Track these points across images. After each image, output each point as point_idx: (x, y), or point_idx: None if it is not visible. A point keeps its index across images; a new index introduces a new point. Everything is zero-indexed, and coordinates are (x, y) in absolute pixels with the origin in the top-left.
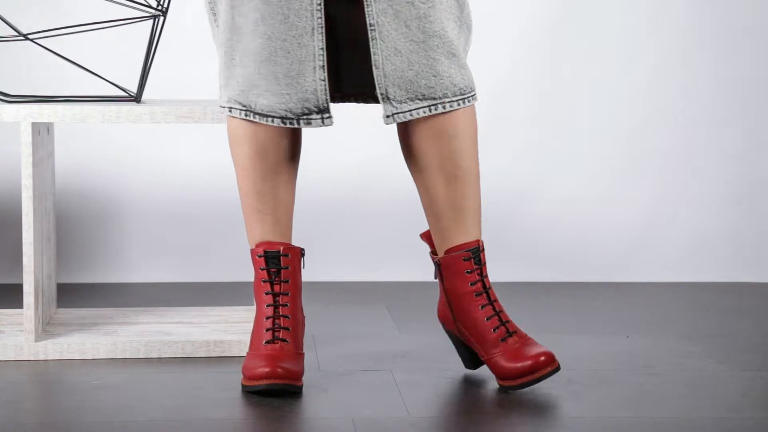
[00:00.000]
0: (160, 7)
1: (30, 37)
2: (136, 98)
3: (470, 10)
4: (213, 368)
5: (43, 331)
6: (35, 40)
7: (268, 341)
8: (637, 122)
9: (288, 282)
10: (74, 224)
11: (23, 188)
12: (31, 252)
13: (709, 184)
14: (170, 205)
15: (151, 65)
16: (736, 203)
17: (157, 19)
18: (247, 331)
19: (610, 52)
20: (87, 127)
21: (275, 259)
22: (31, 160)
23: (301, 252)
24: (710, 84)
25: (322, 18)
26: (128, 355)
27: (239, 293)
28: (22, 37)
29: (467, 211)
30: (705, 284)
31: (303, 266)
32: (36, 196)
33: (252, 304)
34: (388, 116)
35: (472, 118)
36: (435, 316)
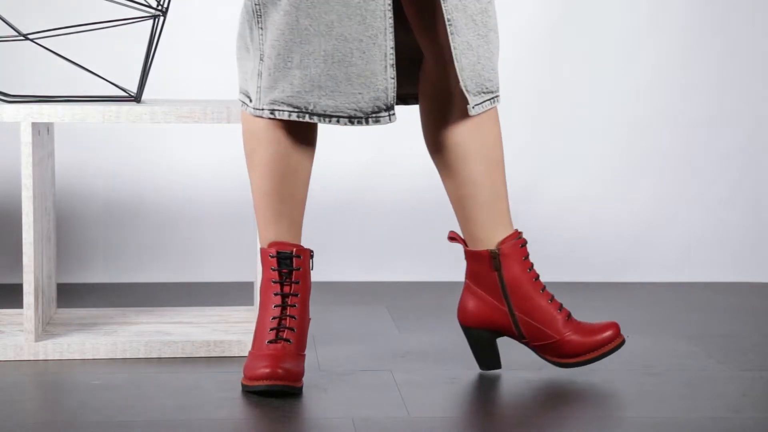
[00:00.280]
0: (160, 7)
1: (30, 37)
2: (136, 98)
3: None
4: (213, 368)
5: (43, 331)
6: (35, 40)
7: (270, 341)
8: (637, 122)
9: (298, 283)
10: (74, 224)
11: (23, 188)
12: (31, 252)
13: (709, 184)
14: (170, 205)
15: (151, 65)
16: (736, 203)
17: (157, 19)
18: (247, 331)
19: (610, 52)
20: (87, 127)
21: (287, 260)
22: (31, 160)
23: (311, 254)
24: (710, 84)
25: (392, 18)
26: (128, 355)
27: (239, 293)
28: (22, 37)
29: (506, 198)
30: (705, 284)
31: (312, 268)
32: (36, 196)
33: (252, 304)
34: (474, 107)
35: None
36: (435, 316)
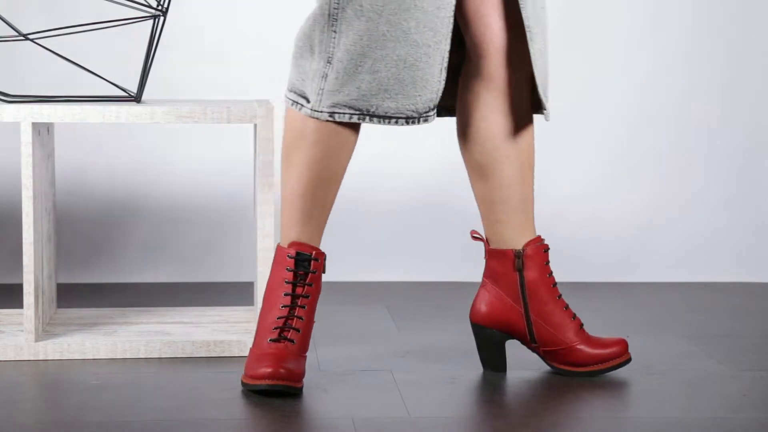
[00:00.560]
0: (160, 7)
1: (30, 37)
2: (136, 98)
3: None
4: (213, 368)
5: (43, 331)
6: (35, 40)
7: (273, 339)
8: (637, 122)
9: (311, 285)
10: (74, 224)
11: (23, 188)
12: (31, 252)
13: (709, 184)
14: (170, 205)
15: (151, 65)
16: (736, 203)
17: (157, 19)
18: (247, 331)
19: (610, 52)
20: (87, 127)
21: (306, 262)
22: (31, 160)
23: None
24: (710, 84)
25: (452, 24)
26: (128, 355)
27: (239, 293)
28: (22, 37)
29: (533, 203)
30: (705, 284)
31: (324, 271)
32: (36, 196)
33: (252, 304)
34: (549, 113)
35: None
36: (435, 316)
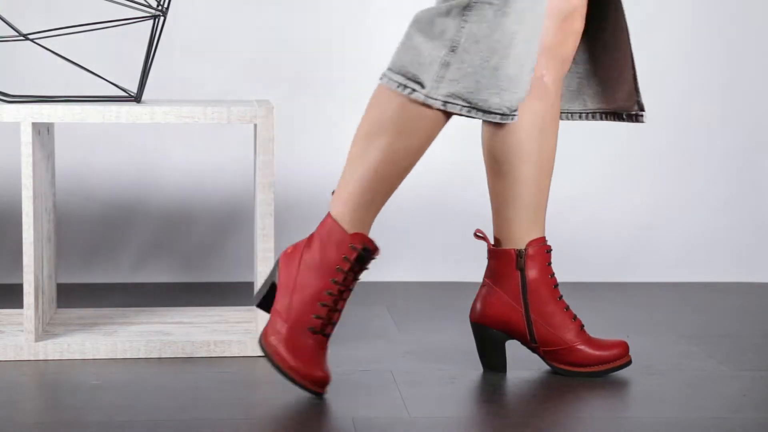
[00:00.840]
0: (160, 7)
1: (30, 37)
2: (136, 98)
3: None
4: (213, 368)
5: (43, 331)
6: (35, 40)
7: (315, 331)
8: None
9: (357, 281)
10: (74, 224)
11: (23, 188)
12: (31, 252)
13: (709, 184)
14: (170, 206)
15: (151, 65)
16: (736, 203)
17: (157, 19)
18: (247, 331)
19: None
20: (87, 127)
21: (366, 259)
22: (31, 160)
23: None
24: (710, 84)
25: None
26: (128, 355)
27: (239, 293)
28: (22, 37)
29: (546, 206)
30: (705, 284)
31: None
32: (36, 196)
33: (252, 304)
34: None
35: None
36: (435, 316)
